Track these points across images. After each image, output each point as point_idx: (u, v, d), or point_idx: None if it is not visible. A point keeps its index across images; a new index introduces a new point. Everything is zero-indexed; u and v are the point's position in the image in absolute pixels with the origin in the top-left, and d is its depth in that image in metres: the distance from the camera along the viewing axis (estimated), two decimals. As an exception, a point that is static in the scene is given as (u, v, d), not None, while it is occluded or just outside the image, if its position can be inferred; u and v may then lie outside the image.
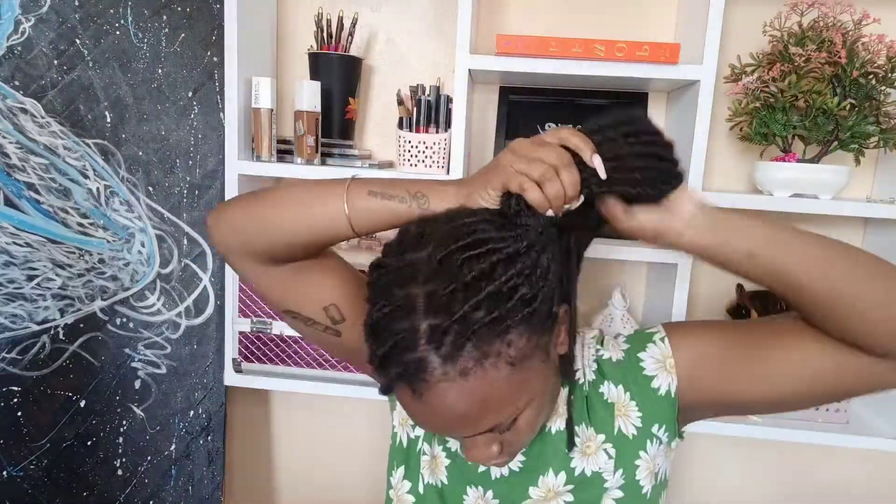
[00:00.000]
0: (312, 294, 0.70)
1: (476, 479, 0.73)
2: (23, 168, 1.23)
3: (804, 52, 1.04)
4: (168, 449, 1.31)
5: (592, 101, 1.31)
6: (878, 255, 0.61)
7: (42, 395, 1.29)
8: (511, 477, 0.73)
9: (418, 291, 0.54)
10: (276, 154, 1.21)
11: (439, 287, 0.53)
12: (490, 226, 0.57)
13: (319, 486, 1.52)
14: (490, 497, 0.73)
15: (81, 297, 1.27)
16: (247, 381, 1.25)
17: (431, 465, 0.75)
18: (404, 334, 0.53)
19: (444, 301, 0.53)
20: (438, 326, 0.52)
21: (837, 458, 1.39)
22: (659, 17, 1.27)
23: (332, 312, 0.71)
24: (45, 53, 1.20)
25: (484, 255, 0.55)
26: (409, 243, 0.58)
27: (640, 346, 0.73)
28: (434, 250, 0.55)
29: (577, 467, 0.71)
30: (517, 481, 0.72)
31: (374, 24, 1.33)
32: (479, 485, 0.73)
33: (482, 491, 0.73)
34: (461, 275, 0.53)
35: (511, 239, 0.56)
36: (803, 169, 1.09)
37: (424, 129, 1.20)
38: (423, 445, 0.76)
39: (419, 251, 0.56)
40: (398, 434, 0.80)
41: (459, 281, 0.53)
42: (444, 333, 0.52)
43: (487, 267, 0.54)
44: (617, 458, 0.71)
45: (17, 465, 1.30)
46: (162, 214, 1.25)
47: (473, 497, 0.73)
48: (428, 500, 0.75)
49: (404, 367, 0.54)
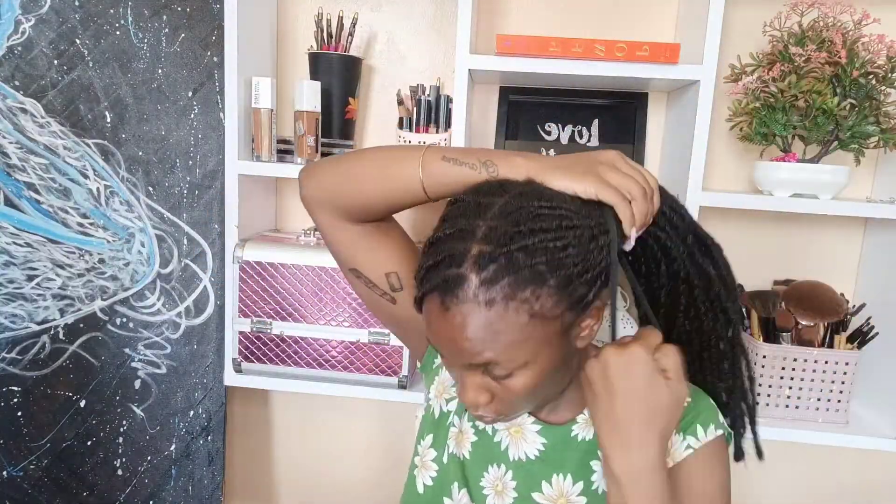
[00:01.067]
0: (379, 258, 0.75)
1: (498, 457, 0.75)
2: (23, 168, 1.23)
3: (804, 52, 1.04)
4: (168, 449, 1.31)
5: (592, 101, 1.31)
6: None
7: (42, 395, 1.29)
8: (528, 464, 0.74)
9: (482, 224, 0.58)
10: (276, 154, 1.21)
11: (503, 224, 0.58)
12: (568, 202, 0.61)
13: (319, 486, 1.52)
14: (509, 478, 0.75)
15: (81, 297, 1.27)
16: (247, 381, 1.25)
17: (458, 437, 0.78)
18: (456, 252, 0.58)
19: (502, 236, 0.57)
20: (488, 254, 0.57)
21: (837, 458, 1.39)
22: (659, 17, 1.27)
23: (392, 280, 0.75)
24: (45, 53, 1.20)
25: (553, 216, 0.59)
26: (489, 189, 0.62)
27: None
28: (511, 198, 0.60)
29: (595, 482, 0.72)
30: (535, 470, 0.74)
31: (374, 24, 1.33)
32: (500, 463, 0.75)
33: (503, 470, 0.75)
34: (527, 221, 0.58)
35: (582, 216, 0.60)
36: (803, 169, 1.09)
37: (424, 129, 1.20)
38: (454, 418, 0.79)
39: (497, 196, 0.61)
40: (432, 405, 0.82)
41: (523, 225, 0.57)
42: (490, 262, 0.57)
43: (552, 225, 0.58)
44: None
45: (17, 465, 1.30)
46: (162, 214, 1.25)
47: (493, 475, 0.75)
48: (450, 469, 0.77)
49: (444, 280, 0.58)
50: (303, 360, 1.21)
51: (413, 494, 0.80)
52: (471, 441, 0.77)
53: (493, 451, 0.76)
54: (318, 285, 1.16)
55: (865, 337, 1.18)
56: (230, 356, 1.24)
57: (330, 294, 1.17)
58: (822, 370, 1.16)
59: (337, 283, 1.16)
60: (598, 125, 1.31)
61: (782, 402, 1.18)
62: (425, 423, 0.83)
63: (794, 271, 1.31)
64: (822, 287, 1.21)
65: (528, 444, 0.74)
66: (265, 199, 1.36)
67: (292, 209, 1.42)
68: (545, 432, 0.74)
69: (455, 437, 0.78)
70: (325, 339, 1.19)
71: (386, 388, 1.21)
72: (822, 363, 1.16)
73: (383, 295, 0.76)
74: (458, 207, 0.62)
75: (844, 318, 1.18)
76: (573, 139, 1.32)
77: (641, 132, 1.30)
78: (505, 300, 0.57)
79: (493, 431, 0.76)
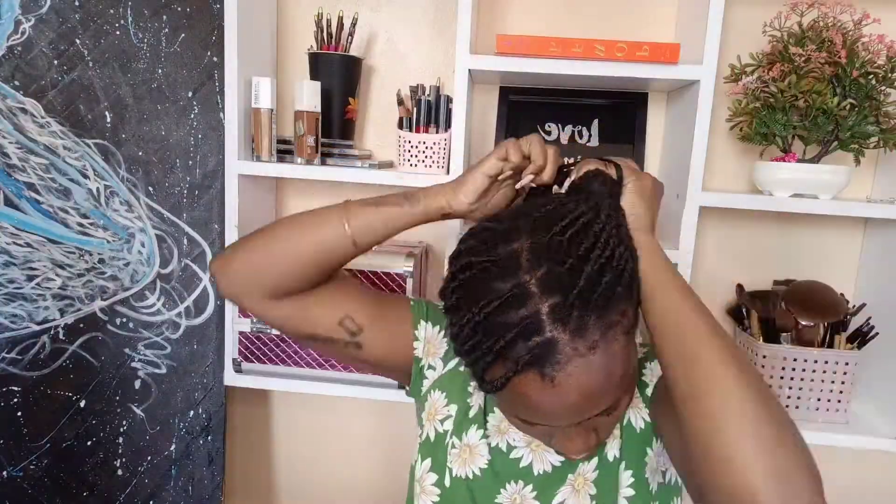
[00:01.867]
0: (325, 313, 0.72)
1: (517, 474, 0.73)
2: (23, 168, 1.23)
3: (804, 52, 1.04)
4: (168, 449, 1.31)
5: (592, 101, 1.31)
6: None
7: (42, 395, 1.29)
8: (553, 472, 0.73)
9: (529, 277, 0.55)
10: (276, 154, 1.21)
11: (553, 267, 0.54)
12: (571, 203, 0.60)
13: (319, 486, 1.52)
14: (528, 491, 0.73)
15: (81, 297, 1.27)
16: (247, 381, 1.25)
17: (462, 456, 0.75)
18: (527, 320, 0.53)
19: (561, 279, 0.54)
20: (562, 304, 0.53)
21: (837, 458, 1.39)
22: (659, 17, 1.27)
23: (347, 324, 0.73)
24: (45, 53, 1.20)
25: (583, 231, 0.57)
26: (498, 238, 0.59)
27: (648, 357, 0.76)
28: (534, 236, 0.57)
29: (606, 451, 0.72)
30: (558, 474, 0.73)
31: (374, 24, 1.33)
32: (520, 480, 0.73)
33: (521, 486, 0.73)
34: (571, 251, 0.55)
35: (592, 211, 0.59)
36: (803, 169, 1.09)
37: (424, 129, 1.20)
38: (453, 439, 0.77)
39: (513, 243, 0.57)
40: (426, 428, 0.80)
41: (572, 256, 0.54)
42: (570, 309, 0.53)
43: (590, 241, 0.56)
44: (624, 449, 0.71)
45: (17, 465, 1.30)
46: (162, 214, 1.25)
47: (511, 492, 0.73)
48: (456, 492, 0.75)
49: (532, 352, 0.53)
50: (303, 360, 1.21)
51: None
52: (485, 459, 0.75)
53: (511, 468, 0.74)
54: (318, 285, 1.16)
55: (865, 337, 1.18)
56: (230, 356, 1.24)
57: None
58: (822, 370, 1.16)
59: (337, 283, 1.16)
60: (598, 125, 1.31)
61: (782, 402, 1.18)
62: (420, 448, 0.80)
63: (794, 271, 1.31)
64: (822, 287, 1.21)
65: (552, 454, 0.73)
66: (265, 199, 1.36)
67: (292, 209, 1.42)
68: None
69: (458, 457, 0.76)
70: (325, 339, 1.19)
71: (386, 388, 1.20)
72: (822, 363, 1.16)
73: (346, 346, 0.74)
74: (477, 272, 0.58)
75: (844, 318, 1.18)
76: (573, 139, 1.32)
77: (641, 132, 1.30)
78: (603, 336, 0.54)
79: (510, 449, 0.74)
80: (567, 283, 0.54)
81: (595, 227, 0.57)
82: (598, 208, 0.60)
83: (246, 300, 0.71)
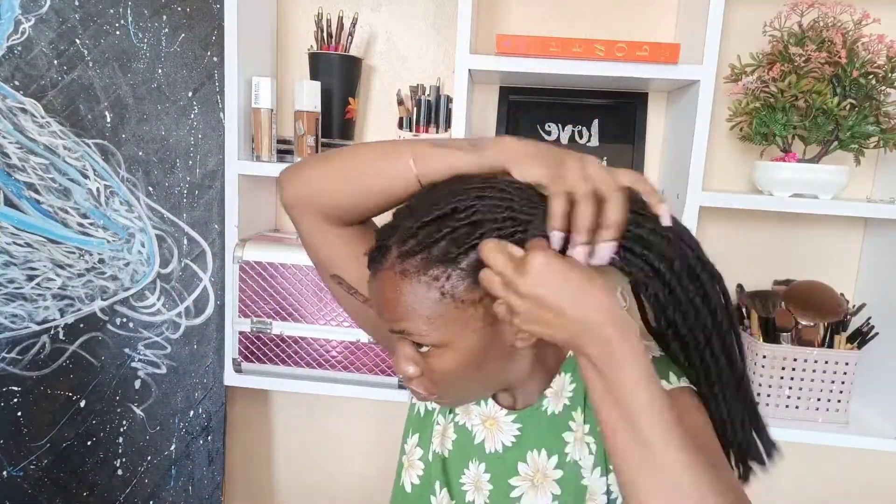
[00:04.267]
0: (361, 263, 0.73)
1: (475, 453, 0.75)
2: (23, 168, 1.23)
3: (804, 52, 1.04)
4: (168, 449, 1.31)
5: (592, 101, 1.31)
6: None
7: (42, 395, 1.29)
8: (504, 452, 0.74)
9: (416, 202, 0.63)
10: (276, 154, 1.21)
11: (427, 202, 0.61)
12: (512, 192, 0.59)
13: (319, 487, 1.52)
14: (482, 471, 0.75)
15: (81, 297, 1.27)
16: (247, 381, 1.25)
17: (441, 434, 0.78)
18: (388, 229, 0.63)
19: (428, 216, 0.60)
20: (410, 229, 0.60)
21: (837, 458, 1.39)
22: (659, 17, 1.27)
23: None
24: (45, 53, 1.20)
25: (476, 199, 0.59)
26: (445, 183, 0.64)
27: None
28: (451, 192, 0.61)
29: (569, 453, 0.71)
30: (510, 456, 0.73)
31: (374, 24, 1.33)
32: (476, 458, 0.75)
33: (478, 464, 0.75)
34: (449, 201, 0.60)
35: (522, 209, 0.59)
36: (803, 169, 1.09)
37: (424, 128, 1.20)
38: (438, 416, 0.79)
39: (446, 189, 0.62)
40: (416, 405, 0.83)
41: (444, 203, 0.60)
42: (410, 236, 0.60)
43: (472, 206, 0.59)
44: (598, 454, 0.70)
45: (17, 465, 1.30)
46: (162, 214, 1.25)
47: (473, 471, 0.75)
48: (434, 467, 0.78)
49: (375, 252, 0.63)
50: (303, 360, 1.21)
51: (401, 494, 0.80)
52: (451, 439, 0.77)
53: (471, 447, 0.76)
54: (318, 285, 1.16)
55: (865, 337, 1.18)
56: (230, 356, 1.24)
57: (330, 294, 1.17)
58: (822, 370, 1.16)
59: (337, 283, 1.16)
60: (598, 125, 1.31)
61: (782, 402, 1.18)
62: (410, 422, 0.83)
63: (794, 271, 1.31)
64: (822, 287, 1.21)
65: (504, 433, 0.74)
66: (265, 199, 1.36)
67: (292, 209, 1.42)
68: (519, 418, 0.74)
69: (439, 434, 0.79)
70: (325, 339, 1.19)
71: (386, 388, 1.21)
72: (822, 363, 1.16)
73: (365, 301, 0.75)
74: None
75: (844, 318, 1.18)
76: (573, 139, 1.32)
77: (641, 132, 1.30)
78: (417, 274, 0.59)
79: (472, 427, 0.76)
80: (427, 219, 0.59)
81: (492, 211, 0.59)
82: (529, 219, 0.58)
83: (303, 215, 0.73)
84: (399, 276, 0.60)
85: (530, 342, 0.62)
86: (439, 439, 0.78)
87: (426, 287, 0.59)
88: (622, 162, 1.31)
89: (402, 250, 0.60)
